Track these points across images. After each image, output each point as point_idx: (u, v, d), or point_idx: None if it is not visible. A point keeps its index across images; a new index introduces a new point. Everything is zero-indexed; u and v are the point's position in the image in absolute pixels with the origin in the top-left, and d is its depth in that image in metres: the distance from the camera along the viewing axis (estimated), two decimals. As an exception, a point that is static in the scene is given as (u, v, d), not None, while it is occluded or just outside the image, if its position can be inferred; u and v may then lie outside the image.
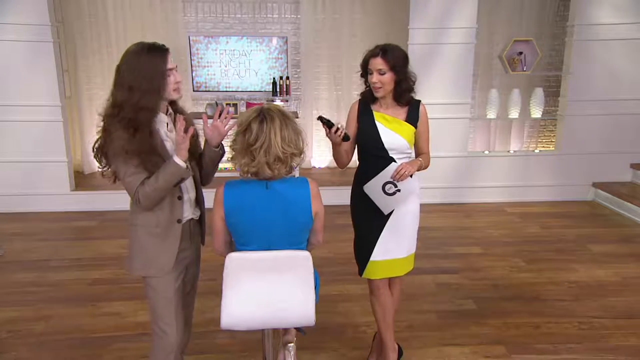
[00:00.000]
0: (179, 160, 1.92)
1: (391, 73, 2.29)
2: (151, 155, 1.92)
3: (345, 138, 2.30)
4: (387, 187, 2.30)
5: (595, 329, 3.09)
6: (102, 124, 1.94)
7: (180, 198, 2.05)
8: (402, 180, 2.27)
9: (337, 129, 2.27)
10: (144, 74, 1.88)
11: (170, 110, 2.08)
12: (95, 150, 1.98)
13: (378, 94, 2.35)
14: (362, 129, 2.41)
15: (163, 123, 2.03)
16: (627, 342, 2.95)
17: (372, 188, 2.33)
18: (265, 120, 1.88)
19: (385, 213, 2.38)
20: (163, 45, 1.98)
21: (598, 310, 3.31)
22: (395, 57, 2.30)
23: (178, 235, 2.06)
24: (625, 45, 5.39)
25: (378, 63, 2.29)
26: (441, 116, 5.08)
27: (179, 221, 2.06)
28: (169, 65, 1.94)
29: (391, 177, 2.27)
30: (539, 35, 6.11)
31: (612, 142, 5.60)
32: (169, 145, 2.02)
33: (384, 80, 2.30)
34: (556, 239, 4.60)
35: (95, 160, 2.01)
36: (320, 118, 2.31)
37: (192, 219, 2.14)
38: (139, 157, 1.90)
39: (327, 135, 2.32)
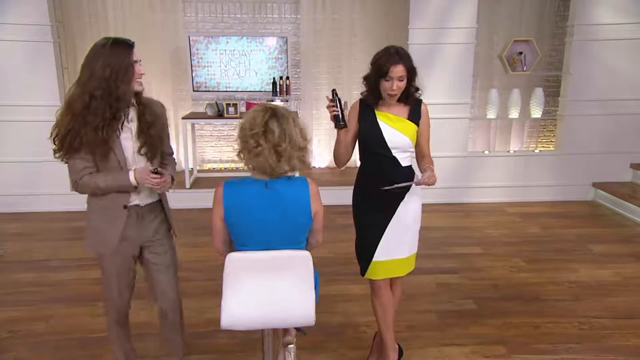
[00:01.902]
0: (133, 180, 2.09)
1: (407, 78, 2.30)
2: (102, 145, 2.04)
3: (339, 124, 2.32)
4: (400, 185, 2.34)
5: (595, 329, 3.09)
6: (68, 111, 2.04)
7: None
8: (429, 186, 2.33)
9: (336, 107, 2.30)
10: (113, 66, 1.99)
11: (133, 101, 2.15)
12: (56, 136, 2.09)
13: (392, 100, 2.34)
14: (364, 128, 2.40)
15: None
16: (627, 342, 2.95)
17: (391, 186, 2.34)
18: (279, 119, 1.93)
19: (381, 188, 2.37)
20: (129, 40, 2.09)
21: (598, 310, 3.31)
22: (410, 60, 2.31)
23: (123, 219, 2.18)
24: (625, 45, 5.39)
25: (400, 70, 2.27)
26: (441, 116, 5.08)
27: (125, 207, 2.18)
28: (135, 58, 2.06)
29: (416, 183, 2.33)
30: (539, 35, 6.10)
31: (612, 142, 5.60)
32: (123, 136, 2.10)
33: (402, 85, 2.30)
34: (556, 239, 4.60)
35: (55, 153, 2.14)
36: (334, 91, 2.34)
37: (139, 205, 2.22)
38: (92, 147, 2.02)
39: (327, 106, 2.34)
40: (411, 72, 2.31)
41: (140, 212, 2.24)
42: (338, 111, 2.30)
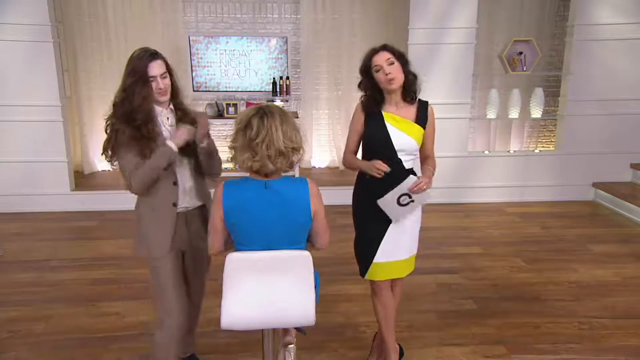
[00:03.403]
0: (172, 144, 2.12)
1: (398, 63, 2.29)
2: (149, 143, 2.11)
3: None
4: (401, 198, 2.30)
5: (595, 329, 3.09)
6: (106, 123, 2.15)
7: (175, 184, 2.22)
8: (418, 192, 2.27)
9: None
10: (133, 77, 2.09)
11: (172, 106, 2.26)
12: (103, 148, 2.17)
13: (394, 86, 2.29)
14: (370, 131, 2.38)
15: (164, 117, 2.22)
16: (627, 342, 2.95)
17: (387, 201, 2.31)
18: (265, 115, 1.89)
19: (394, 222, 2.37)
20: (153, 53, 2.14)
21: (598, 310, 3.31)
22: (393, 47, 2.32)
23: (173, 218, 2.23)
24: (625, 45, 5.39)
25: (384, 55, 2.28)
26: (441, 116, 4.97)
27: (175, 205, 2.22)
28: (152, 73, 2.10)
29: (408, 190, 2.27)
30: (539, 35, 6.11)
31: (612, 142, 5.60)
32: (167, 136, 2.20)
33: (394, 69, 2.27)
34: (556, 239, 4.60)
35: (104, 158, 2.19)
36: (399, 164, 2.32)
37: (188, 208, 2.28)
38: (138, 145, 2.10)
39: (374, 167, 2.28)
40: (402, 57, 2.30)
41: (189, 217, 2.29)
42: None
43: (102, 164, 6.53)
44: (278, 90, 6.08)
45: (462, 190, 5.64)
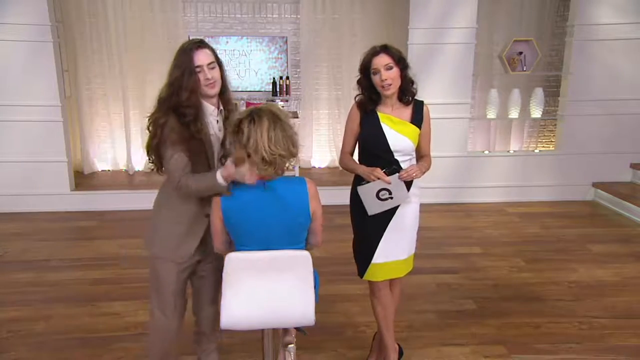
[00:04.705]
0: (221, 179, 1.93)
1: (397, 67, 2.27)
2: (198, 144, 2.00)
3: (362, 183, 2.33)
4: (381, 193, 2.29)
5: (595, 329, 3.09)
6: (149, 120, 2.03)
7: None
8: (407, 179, 2.26)
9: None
10: (178, 70, 1.99)
11: (221, 107, 2.13)
12: (148, 147, 2.06)
13: (388, 92, 2.30)
14: (366, 131, 2.38)
15: (213, 116, 2.09)
16: (627, 342, 2.95)
17: (366, 190, 2.32)
18: (253, 121, 1.85)
19: (369, 214, 2.36)
20: (199, 42, 2.02)
21: (598, 310, 3.31)
22: (396, 50, 2.30)
23: (203, 228, 2.12)
24: (625, 45, 5.39)
25: (383, 59, 2.26)
26: (441, 116, 5.07)
27: (207, 216, 2.10)
28: (198, 62, 1.98)
29: (399, 176, 2.26)
30: (539, 35, 6.11)
31: (612, 142, 5.60)
32: (213, 140, 2.08)
33: (392, 75, 2.27)
34: (556, 239, 4.60)
35: (148, 158, 2.11)
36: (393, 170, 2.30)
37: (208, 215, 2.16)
38: (185, 145, 1.98)
39: (372, 175, 2.28)
40: (400, 62, 2.28)
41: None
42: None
43: (102, 164, 6.53)
44: (278, 90, 6.08)
45: (462, 190, 5.64)
